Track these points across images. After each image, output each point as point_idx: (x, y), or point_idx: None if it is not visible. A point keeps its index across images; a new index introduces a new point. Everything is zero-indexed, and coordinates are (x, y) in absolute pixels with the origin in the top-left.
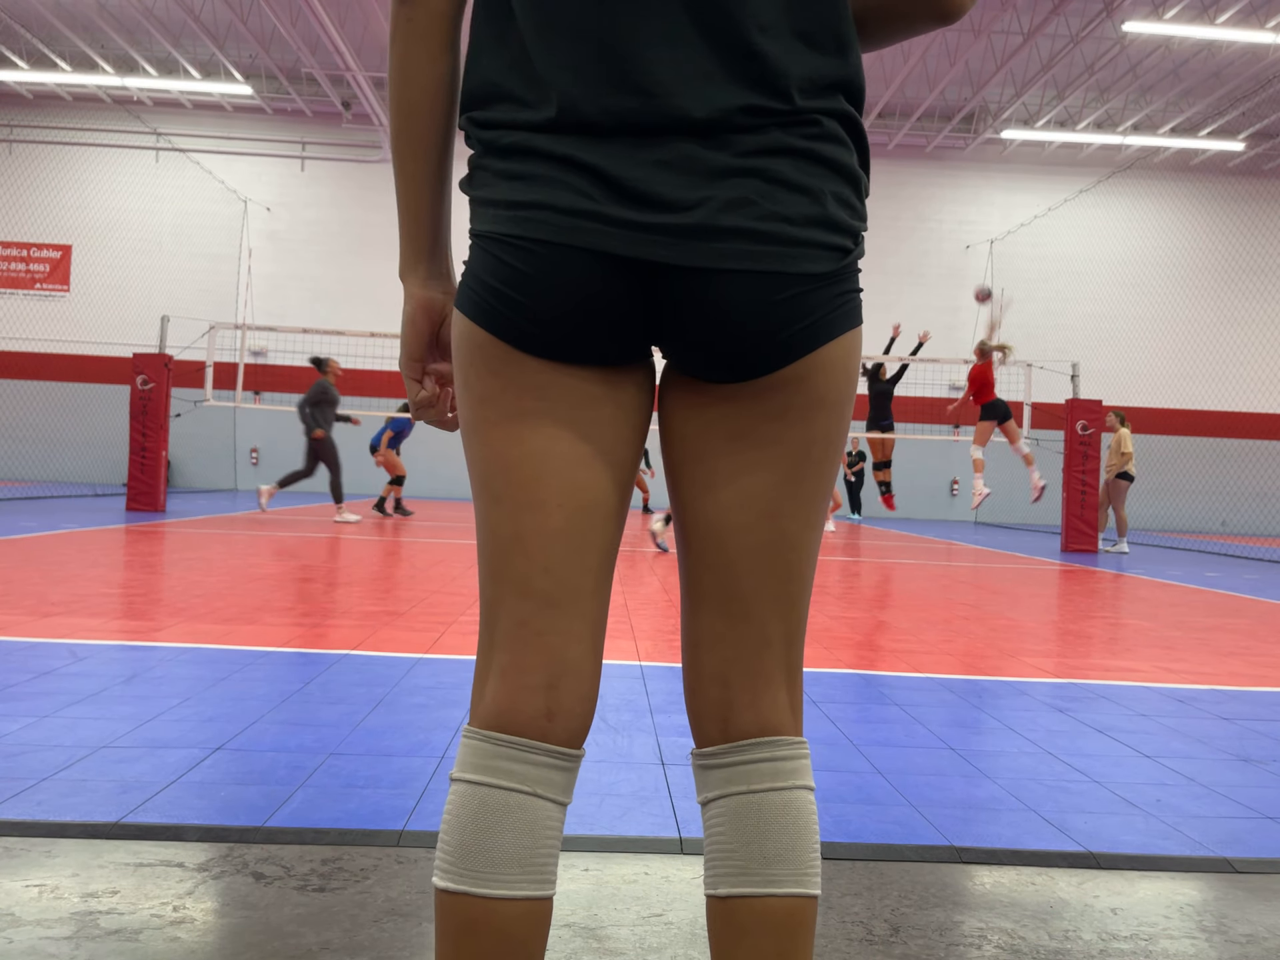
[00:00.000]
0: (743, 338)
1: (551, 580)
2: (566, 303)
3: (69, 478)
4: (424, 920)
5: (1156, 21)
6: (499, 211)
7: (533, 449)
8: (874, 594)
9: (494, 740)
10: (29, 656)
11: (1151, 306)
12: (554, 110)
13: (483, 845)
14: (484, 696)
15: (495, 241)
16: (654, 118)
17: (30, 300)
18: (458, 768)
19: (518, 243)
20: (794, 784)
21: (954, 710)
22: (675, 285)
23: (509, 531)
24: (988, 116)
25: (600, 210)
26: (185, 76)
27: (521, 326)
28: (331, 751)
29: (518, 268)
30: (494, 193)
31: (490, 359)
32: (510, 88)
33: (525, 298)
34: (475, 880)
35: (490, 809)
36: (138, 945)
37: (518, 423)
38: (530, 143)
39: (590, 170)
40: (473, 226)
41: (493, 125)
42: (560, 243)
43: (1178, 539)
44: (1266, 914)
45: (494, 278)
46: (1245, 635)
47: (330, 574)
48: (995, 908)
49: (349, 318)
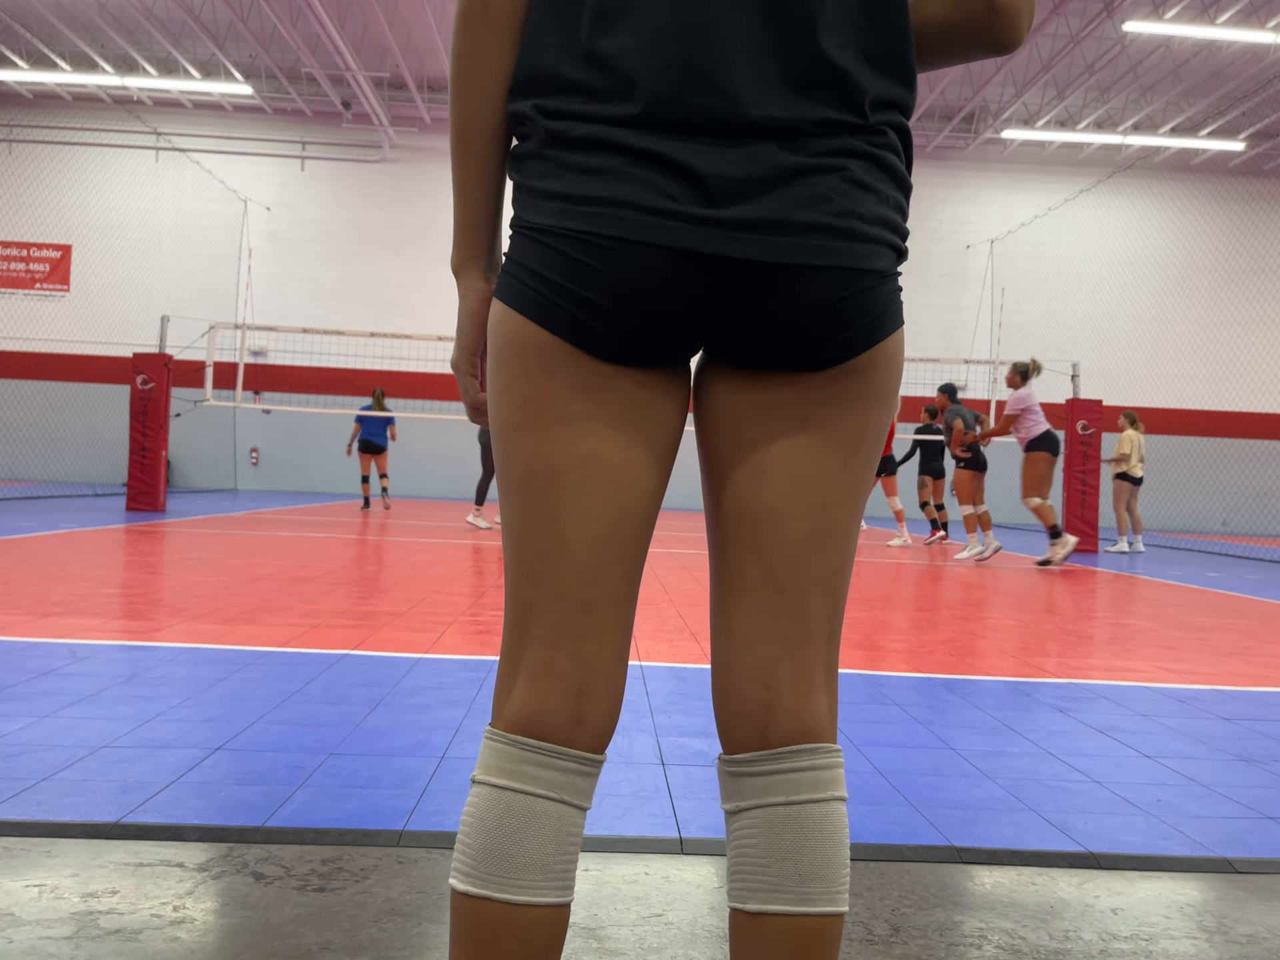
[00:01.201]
0: (817, 330)
1: (589, 586)
2: (641, 301)
3: (69, 478)
4: (424, 920)
5: (1156, 21)
6: (568, 206)
7: (582, 453)
8: (874, 594)
9: (520, 744)
10: (29, 656)
11: (1151, 306)
12: (638, 107)
13: (506, 850)
14: (510, 699)
15: (561, 236)
16: (737, 120)
17: (30, 300)
18: (481, 770)
19: (590, 239)
20: (831, 795)
21: (954, 710)
22: (753, 281)
23: (550, 536)
24: (988, 116)
25: (681, 208)
26: (185, 76)
27: (588, 325)
28: (331, 751)
29: (590, 264)
30: (561, 185)
31: (546, 359)
32: (583, 79)
33: (596, 295)
34: (498, 885)
35: (515, 814)
36: (138, 945)
37: (567, 425)
38: (608, 136)
39: (674, 167)
40: (525, 218)
41: (563, 115)
42: (638, 240)
43: (1178, 539)
44: (1267, 914)
45: (559, 274)
46: (1246, 635)
47: (330, 574)
48: (995, 908)
49: (349, 318)
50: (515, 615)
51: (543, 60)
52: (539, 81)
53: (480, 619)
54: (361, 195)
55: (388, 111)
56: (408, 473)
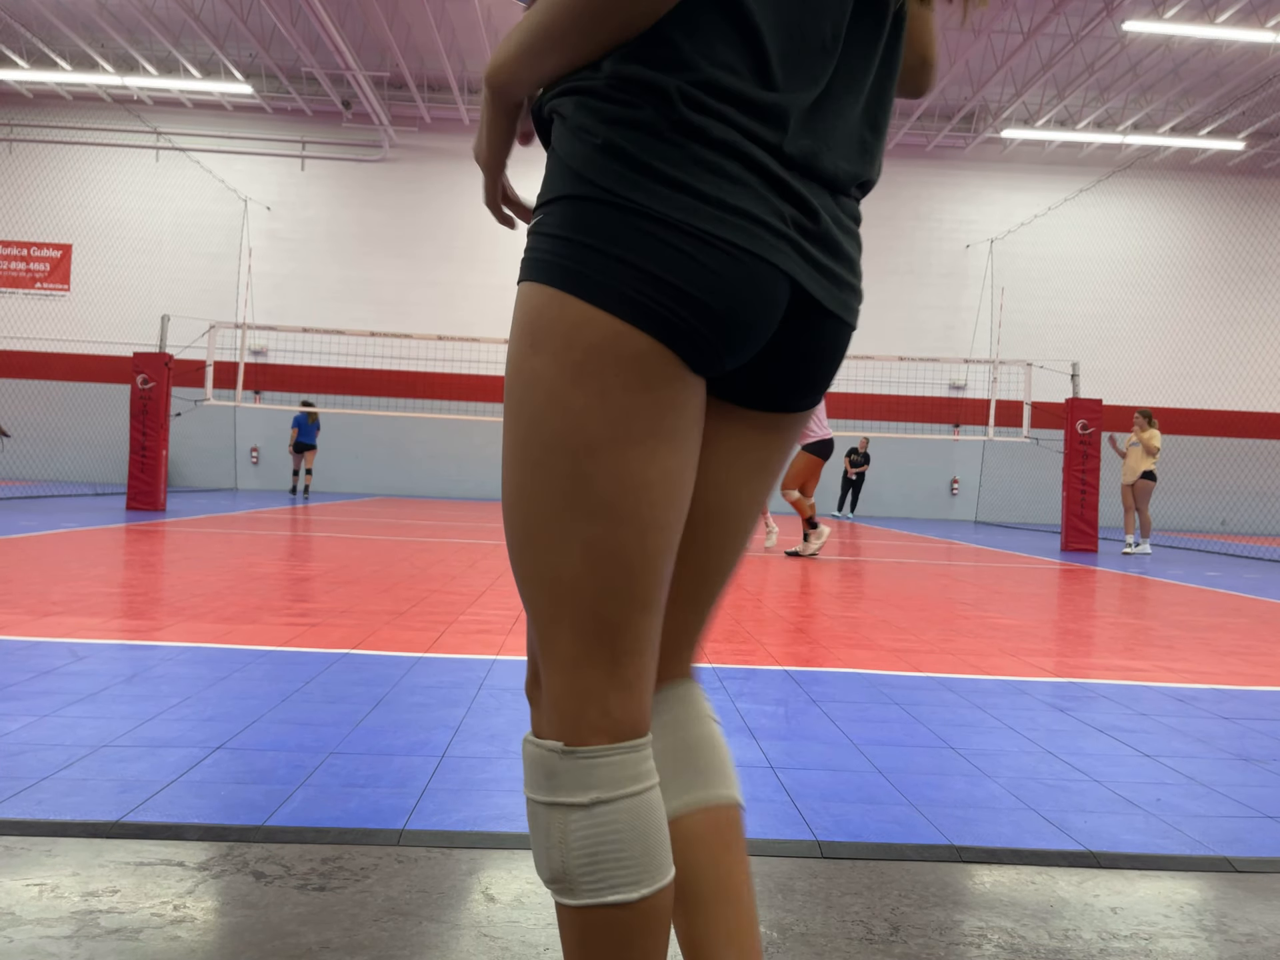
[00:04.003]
0: (824, 376)
1: (663, 593)
2: (754, 318)
3: (69, 477)
4: (424, 919)
5: (1156, 21)
6: (699, 205)
7: (670, 467)
8: (874, 593)
9: (636, 748)
10: (29, 656)
11: (1151, 306)
12: (784, 137)
13: (659, 840)
14: (610, 712)
15: (689, 236)
16: (830, 172)
17: (30, 300)
18: (611, 786)
19: (724, 246)
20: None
21: (954, 710)
22: (809, 323)
23: (639, 551)
24: (988, 116)
25: (793, 237)
26: (185, 76)
27: (701, 335)
28: (331, 751)
29: (719, 273)
30: (693, 179)
31: (646, 370)
32: (744, 90)
33: (721, 306)
34: (659, 873)
35: (653, 806)
36: (138, 944)
37: (656, 441)
38: (749, 151)
39: (795, 200)
40: (633, 199)
41: (707, 112)
42: (766, 258)
43: (1178, 538)
44: (1266, 913)
45: (682, 278)
46: (1245, 635)
47: (330, 573)
48: (995, 907)
49: (349, 317)
50: (597, 630)
51: (700, 52)
52: (694, 70)
53: (480, 618)
54: (361, 195)
55: (388, 111)
56: (407, 472)
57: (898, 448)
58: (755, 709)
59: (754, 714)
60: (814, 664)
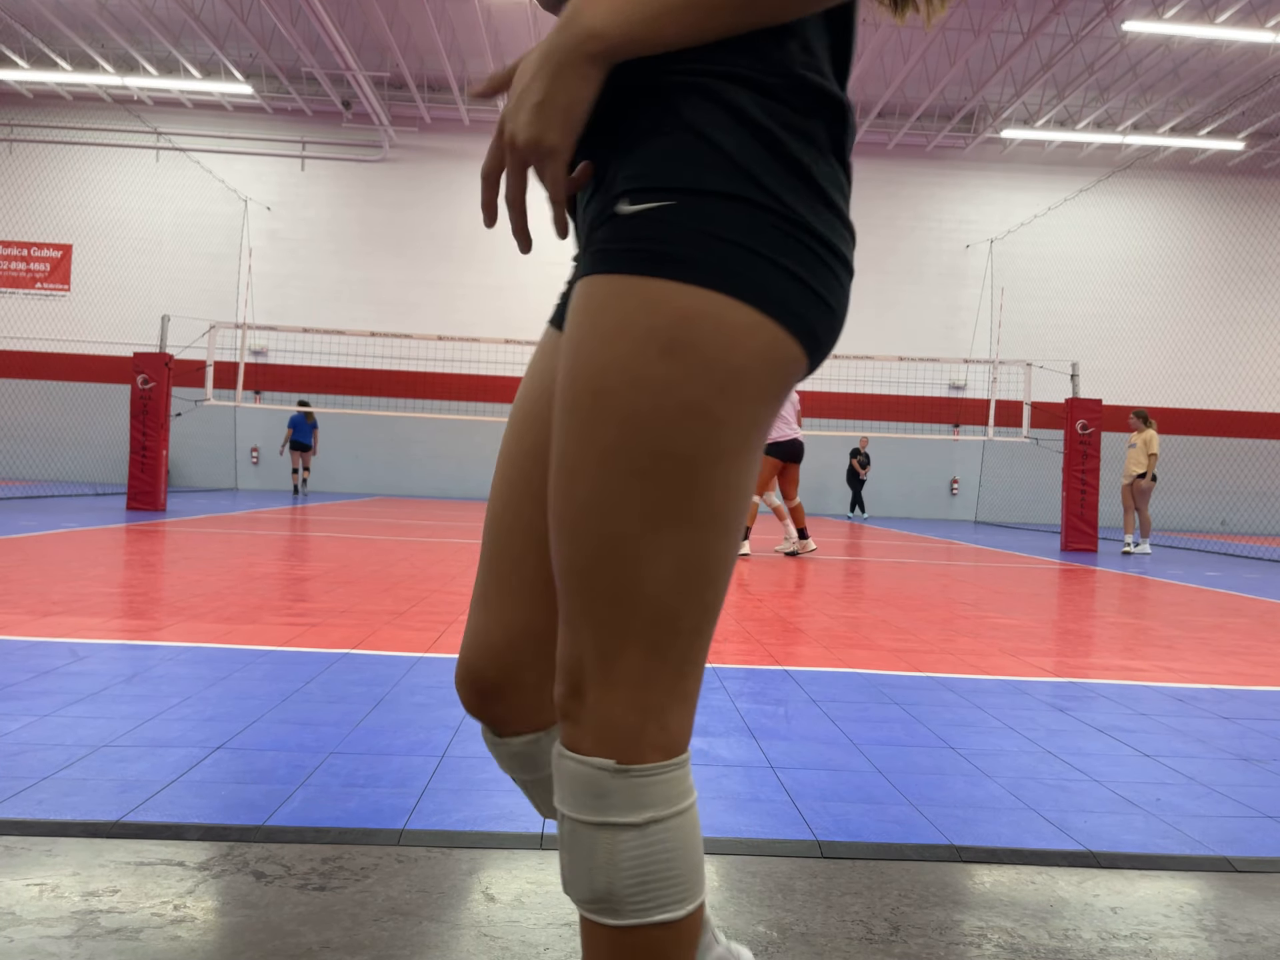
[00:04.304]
0: None
1: None
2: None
3: (69, 477)
4: (424, 919)
5: (1156, 21)
6: (842, 229)
7: (753, 476)
8: (874, 593)
9: (685, 763)
10: (29, 656)
11: (1151, 306)
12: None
13: (701, 856)
14: (668, 727)
15: (836, 258)
16: None
17: (30, 300)
18: (666, 804)
19: (849, 270)
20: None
21: (954, 710)
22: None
23: (725, 560)
24: (988, 116)
25: None
26: (185, 76)
27: (823, 355)
28: (331, 751)
29: (847, 296)
30: (839, 200)
31: (790, 383)
32: (847, 118)
33: (840, 327)
34: (701, 889)
35: (697, 822)
36: (138, 944)
37: (760, 448)
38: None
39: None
40: (801, 214)
41: (850, 132)
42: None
43: (1177, 538)
44: (1266, 913)
45: (834, 299)
46: (1245, 635)
47: (330, 573)
48: (995, 907)
49: (349, 317)
50: (672, 643)
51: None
52: (838, 87)
53: None
54: (362, 195)
55: (388, 111)
56: (407, 472)
57: (897, 448)
58: (755, 709)
59: (754, 714)
60: (814, 664)
